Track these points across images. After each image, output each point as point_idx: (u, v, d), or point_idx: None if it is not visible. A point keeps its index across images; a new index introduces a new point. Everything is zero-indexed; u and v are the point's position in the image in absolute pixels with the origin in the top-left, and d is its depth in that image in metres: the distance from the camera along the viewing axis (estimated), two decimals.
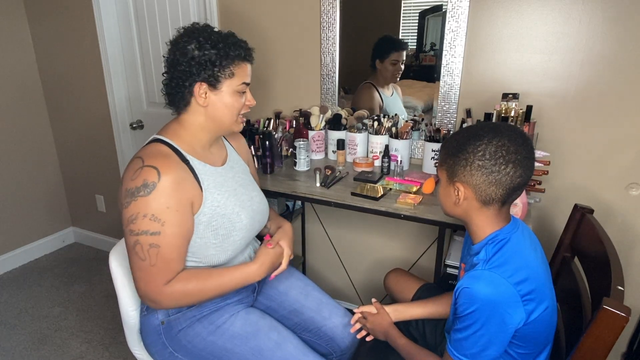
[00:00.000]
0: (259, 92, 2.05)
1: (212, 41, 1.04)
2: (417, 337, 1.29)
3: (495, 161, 0.87)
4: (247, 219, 1.16)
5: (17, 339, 2.06)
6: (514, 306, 0.87)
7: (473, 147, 0.89)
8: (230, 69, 1.06)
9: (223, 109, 1.09)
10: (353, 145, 1.79)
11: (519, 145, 0.88)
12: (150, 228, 0.97)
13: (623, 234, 1.57)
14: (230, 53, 1.05)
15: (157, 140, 1.09)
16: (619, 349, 1.69)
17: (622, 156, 1.50)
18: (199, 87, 1.06)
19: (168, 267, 1.01)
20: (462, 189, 0.93)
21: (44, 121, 2.72)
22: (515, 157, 0.87)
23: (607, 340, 0.82)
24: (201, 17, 2.05)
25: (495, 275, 0.88)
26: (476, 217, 0.95)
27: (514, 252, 0.92)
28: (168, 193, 0.98)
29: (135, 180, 0.98)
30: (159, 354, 1.16)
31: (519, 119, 1.47)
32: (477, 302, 0.87)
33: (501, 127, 0.90)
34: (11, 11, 2.46)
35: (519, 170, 0.88)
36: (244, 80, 1.10)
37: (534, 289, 0.89)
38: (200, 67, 1.04)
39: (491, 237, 0.94)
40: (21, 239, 2.72)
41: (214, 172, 1.13)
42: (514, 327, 0.88)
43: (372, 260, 2.08)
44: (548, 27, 1.48)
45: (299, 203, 2.07)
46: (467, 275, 0.92)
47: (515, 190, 0.91)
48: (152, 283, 1.00)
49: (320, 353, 1.27)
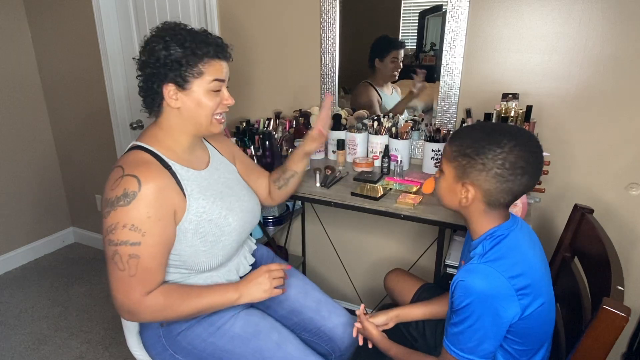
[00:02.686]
0: (259, 92, 2.05)
1: (178, 40, 1.01)
2: (417, 337, 1.29)
3: (513, 171, 0.87)
4: (236, 222, 1.14)
5: (17, 339, 2.06)
6: (509, 300, 0.87)
7: (493, 154, 0.87)
8: (199, 67, 1.02)
9: (196, 110, 1.05)
10: (353, 145, 1.79)
11: (534, 152, 0.88)
12: (130, 238, 0.95)
13: (623, 234, 1.57)
14: (197, 51, 1.01)
15: (137, 147, 1.06)
16: (619, 349, 1.69)
17: (622, 156, 1.50)
18: (167, 89, 1.02)
19: (148, 278, 0.99)
20: (472, 190, 0.92)
21: (44, 121, 2.72)
22: (532, 167, 0.88)
23: (607, 341, 0.82)
24: (201, 16, 2.05)
25: (490, 269, 0.88)
26: (479, 216, 0.96)
27: (511, 247, 0.92)
28: (149, 202, 0.96)
29: (115, 190, 0.96)
30: (160, 355, 1.15)
31: (519, 119, 1.47)
32: (472, 294, 0.88)
33: (520, 134, 0.89)
34: (11, 11, 2.46)
35: (532, 180, 0.89)
36: (216, 77, 1.04)
37: (530, 284, 0.89)
38: (166, 67, 1.00)
39: (489, 232, 0.95)
40: (21, 239, 2.72)
41: (197, 177, 1.11)
42: (508, 321, 0.89)
43: (372, 260, 2.08)
44: (548, 27, 1.48)
45: (299, 203, 2.07)
46: (462, 269, 0.93)
47: (521, 195, 0.92)
48: (132, 294, 0.97)
49: (320, 353, 1.27)
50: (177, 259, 1.07)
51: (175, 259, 1.06)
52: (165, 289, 1.02)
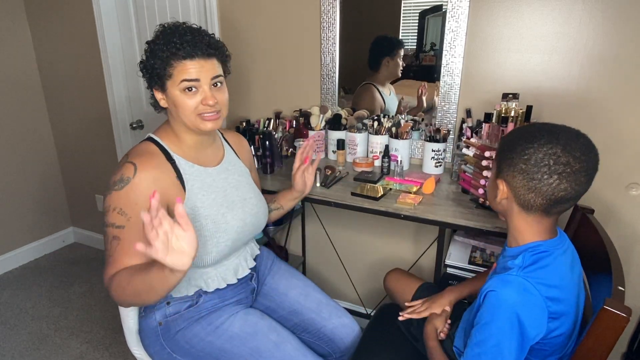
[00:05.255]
0: (259, 92, 2.05)
1: (155, 45, 1.04)
2: (417, 336, 1.29)
3: (539, 169, 0.83)
4: (235, 221, 1.15)
5: (17, 339, 2.06)
6: (540, 319, 0.82)
7: (522, 148, 0.85)
8: (168, 70, 1.03)
9: (177, 109, 1.06)
10: (353, 145, 1.79)
11: (575, 157, 0.82)
12: (117, 221, 0.99)
13: (623, 234, 1.56)
14: (159, 54, 1.02)
15: (149, 139, 1.12)
16: (620, 349, 1.69)
17: (622, 156, 1.50)
18: (155, 91, 1.09)
19: (122, 261, 1.00)
20: (502, 187, 0.91)
21: (44, 121, 2.72)
22: (564, 169, 0.82)
23: (608, 341, 0.81)
24: (201, 16, 2.05)
25: (528, 284, 0.83)
26: (516, 220, 0.92)
27: (553, 268, 0.87)
28: (139, 190, 0.99)
29: (116, 175, 1.01)
30: (158, 354, 1.15)
31: (519, 119, 1.47)
32: (503, 307, 0.83)
33: (561, 133, 0.84)
34: (11, 11, 2.46)
35: (563, 184, 0.82)
36: (184, 78, 1.02)
37: (563, 311, 0.85)
38: (147, 72, 1.06)
39: (532, 245, 0.90)
40: (21, 239, 2.72)
41: (202, 173, 1.13)
42: (532, 340, 0.84)
43: (372, 260, 2.08)
44: (548, 27, 1.48)
45: (299, 203, 2.06)
46: (497, 278, 0.87)
47: (560, 202, 0.85)
48: (107, 272, 1.01)
49: (320, 354, 1.27)
50: None
51: None
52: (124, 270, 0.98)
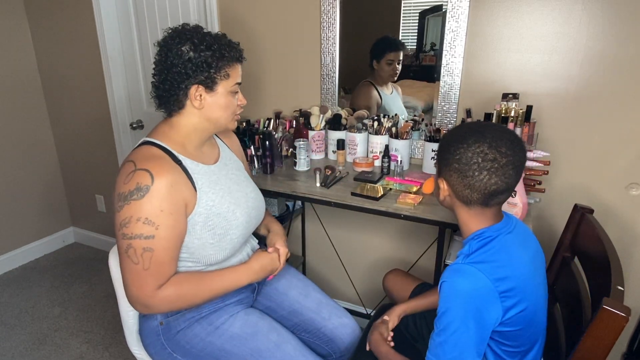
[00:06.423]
0: (259, 92, 2.05)
1: (206, 43, 1.03)
2: (415, 336, 1.29)
3: (469, 167, 0.89)
4: (243, 216, 1.16)
5: (17, 339, 2.06)
6: (492, 301, 0.87)
7: (454, 149, 0.92)
8: (226, 70, 1.06)
9: (219, 111, 1.09)
10: (353, 145, 1.79)
11: (501, 153, 0.88)
12: (144, 232, 0.97)
13: (623, 234, 1.57)
14: (225, 54, 1.05)
15: (148, 142, 1.07)
16: (620, 349, 1.69)
17: (622, 156, 1.50)
18: (195, 90, 1.05)
19: (161, 271, 1.00)
20: (443, 185, 0.98)
21: (44, 121, 2.72)
22: (492, 165, 0.88)
23: (607, 341, 0.82)
24: (201, 16, 2.05)
25: (474, 269, 0.88)
26: (460, 214, 0.98)
27: (498, 249, 0.92)
28: (162, 196, 0.97)
29: (129, 184, 0.97)
30: (158, 354, 1.15)
31: (519, 119, 1.47)
32: (455, 295, 0.88)
33: (487, 131, 0.90)
34: (11, 11, 2.46)
35: (493, 178, 0.88)
36: (237, 81, 1.10)
37: (514, 287, 0.88)
38: (196, 69, 1.03)
39: (477, 233, 0.95)
40: (21, 239, 2.72)
41: (207, 171, 1.13)
42: (491, 324, 0.88)
43: (372, 260, 2.08)
44: (548, 27, 1.48)
45: (299, 203, 2.07)
46: (448, 268, 0.93)
47: (494, 195, 0.91)
48: (145, 287, 0.99)
49: (320, 354, 1.27)
50: (184, 250, 1.08)
51: (183, 250, 1.08)
52: (176, 279, 1.04)
